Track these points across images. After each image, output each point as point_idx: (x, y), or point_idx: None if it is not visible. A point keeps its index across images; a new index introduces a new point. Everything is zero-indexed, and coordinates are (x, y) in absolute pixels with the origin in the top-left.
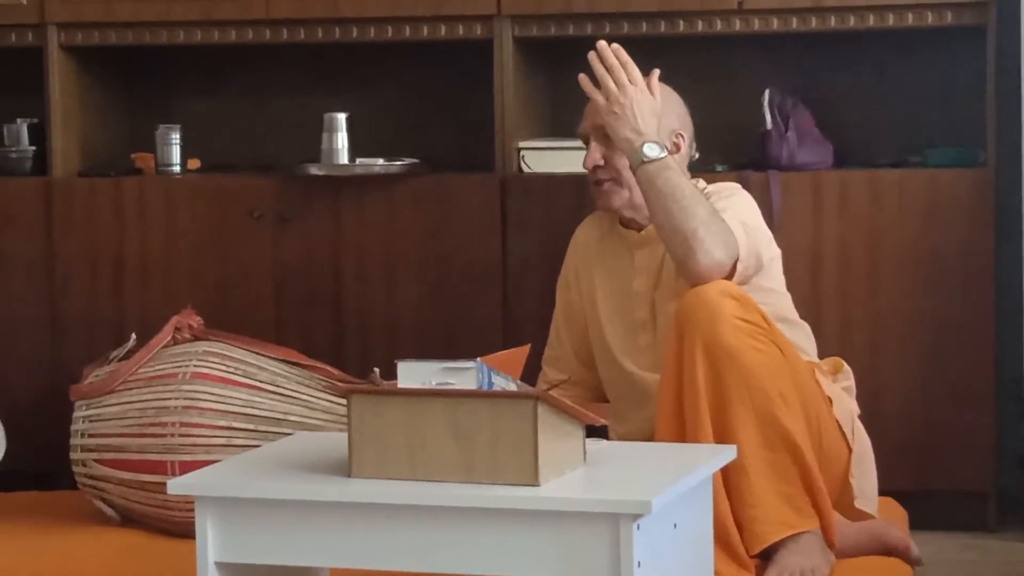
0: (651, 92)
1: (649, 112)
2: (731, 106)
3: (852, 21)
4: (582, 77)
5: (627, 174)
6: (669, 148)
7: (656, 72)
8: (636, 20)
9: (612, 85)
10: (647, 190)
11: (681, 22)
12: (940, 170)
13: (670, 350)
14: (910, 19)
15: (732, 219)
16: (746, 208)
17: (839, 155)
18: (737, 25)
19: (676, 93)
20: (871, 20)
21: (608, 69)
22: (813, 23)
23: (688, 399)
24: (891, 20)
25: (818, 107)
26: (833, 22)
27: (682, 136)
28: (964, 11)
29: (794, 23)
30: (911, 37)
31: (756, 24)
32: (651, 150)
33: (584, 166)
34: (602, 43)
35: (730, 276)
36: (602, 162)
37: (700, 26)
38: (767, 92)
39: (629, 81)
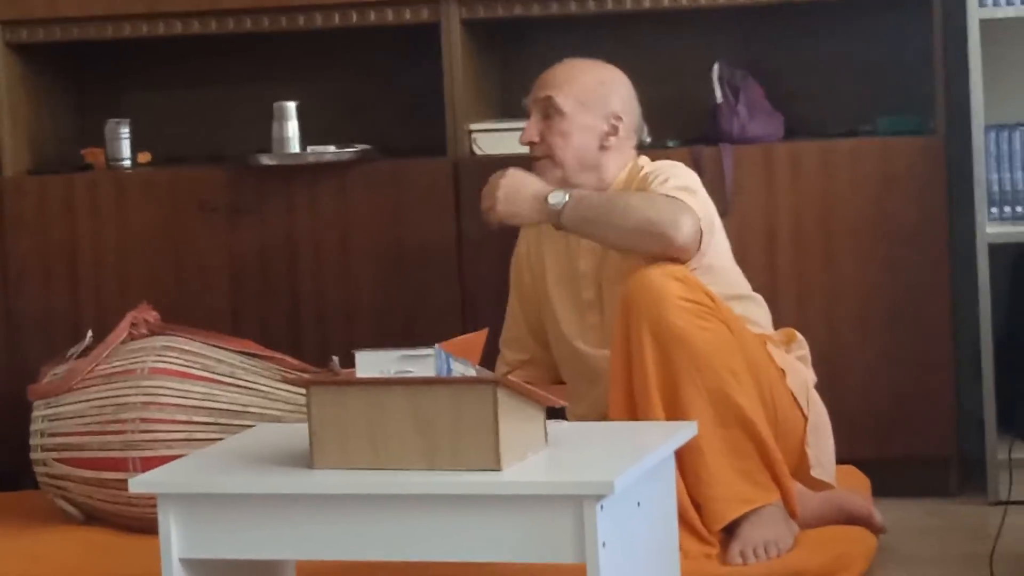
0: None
1: (521, 176)
2: (681, 81)
3: None
4: None
5: (561, 153)
6: (607, 129)
7: None
8: None
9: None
10: (583, 229)
11: None
12: (891, 139)
13: (617, 334)
14: None
15: (677, 186)
16: (688, 179)
17: (790, 127)
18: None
19: (623, 75)
20: None
21: None
22: None
23: (638, 383)
24: None
25: (768, 79)
26: None
27: (620, 119)
28: None
29: None
30: (858, 7)
31: None
32: (556, 198)
33: (520, 141)
34: None
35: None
36: (537, 138)
37: (647, 2)
38: (716, 66)
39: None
